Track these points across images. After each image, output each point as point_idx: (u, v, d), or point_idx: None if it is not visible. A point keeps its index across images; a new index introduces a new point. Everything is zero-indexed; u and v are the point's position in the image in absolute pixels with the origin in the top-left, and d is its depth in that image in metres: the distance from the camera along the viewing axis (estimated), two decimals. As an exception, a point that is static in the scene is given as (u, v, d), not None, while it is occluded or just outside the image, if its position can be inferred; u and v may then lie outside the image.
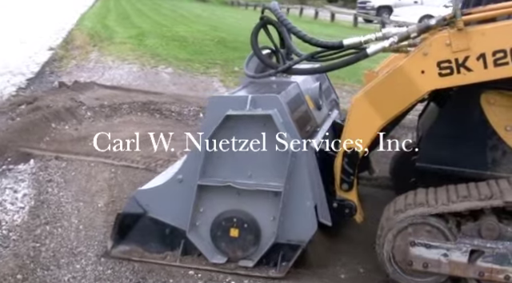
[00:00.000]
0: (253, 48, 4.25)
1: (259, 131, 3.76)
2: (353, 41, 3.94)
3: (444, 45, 3.47)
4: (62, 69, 12.03)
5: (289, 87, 4.19)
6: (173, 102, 8.39)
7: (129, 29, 17.96)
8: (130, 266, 4.02)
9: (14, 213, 4.81)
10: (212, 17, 25.35)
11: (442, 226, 3.55)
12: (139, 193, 4.10)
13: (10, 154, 6.13)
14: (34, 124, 6.93)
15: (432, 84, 3.55)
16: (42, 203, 4.95)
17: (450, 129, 3.92)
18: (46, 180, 5.49)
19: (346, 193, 3.95)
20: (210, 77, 11.14)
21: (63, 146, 6.49)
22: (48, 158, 6.01)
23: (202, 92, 9.83)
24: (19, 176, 5.65)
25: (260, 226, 3.86)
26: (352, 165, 3.87)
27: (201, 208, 3.91)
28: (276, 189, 3.76)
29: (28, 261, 4.03)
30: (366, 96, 3.75)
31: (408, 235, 3.60)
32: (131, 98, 8.72)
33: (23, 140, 6.53)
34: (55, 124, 7.17)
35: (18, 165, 5.93)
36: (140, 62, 12.05)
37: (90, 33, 17.70)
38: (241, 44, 15.39)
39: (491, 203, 3.44)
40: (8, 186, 5.37)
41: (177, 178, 3.97)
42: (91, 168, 5.82)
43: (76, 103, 7.89)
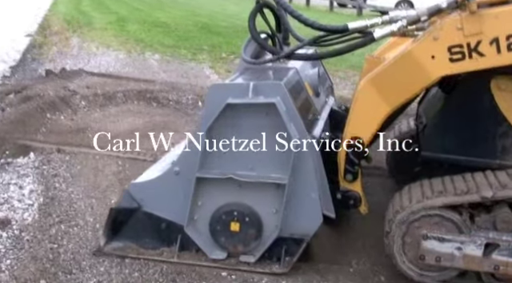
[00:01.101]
0: (251, 33, 4.01)
1: (261, 120, 3.55)
2: (358, 24, 3.73)
3: (455, 28, 3.28)
4: (43, 57, 11.62)
5: (289, 73, 3.99)
6: (168, 90, 8.10)
7: (107, 15, 17.53)
8: (157, 268, 3.78)
9: (23, 210, 4.54)
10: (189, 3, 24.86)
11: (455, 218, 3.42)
12: (133, 187, 3.88)
13: (8, 147, 5.85)
14: (29, 115, 6.63)
15: (443, 70, 3.37)
16: (51, 200, 4.68)
17: (458, 117, 3.77)
18: (52, 174, 5.21)
19: (350, 184, 3.78)
20: (198, 63, 10.86)
21: (62, 138, 6.21)
22: (49, 151, 5.73)
23: (194, 79, 9.56)
24: (21, 170, 5.36)
25: (262, 220, 3.68)
26: (357, 154, 3.69)
27: (199, 201, 3.71)
28: (280, 181, 3.56)
29: (48, 265, 3.78)
30: (372, 82, 3.56)
31: (420, 228, 3.47)
32: (123, 86, 8.42)
33: (20, 132, 6.23)
34: (50, 114, 6.87)
35: (17, 159, 5.65)
36: (125, 49, 11.72)
37: (66, 18, 17.21)
38: (224, 29, 15.16)
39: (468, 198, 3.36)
40: (12, 182, 5.08)
41: (173, 170, 3.74)
42: (97, 161, 5.55)
43: (69, 92, 7.57)
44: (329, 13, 25.19)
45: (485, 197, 3.34)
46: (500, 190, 3.35)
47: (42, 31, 15.24)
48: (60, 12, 19.64)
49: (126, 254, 3.84)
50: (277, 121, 3.49)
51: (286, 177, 3.53)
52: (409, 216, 3.48)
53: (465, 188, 3.41)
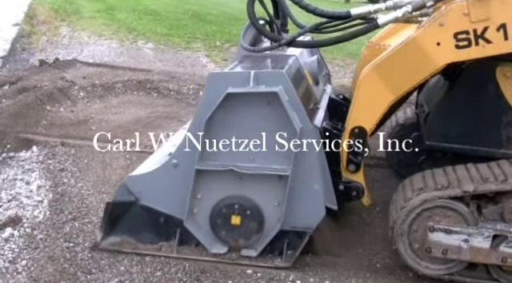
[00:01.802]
0: (250, 19, 3.88)
1: (262, 110, 3.43)
2: (361, 10, 3.64)
3: (462, 14, 3.21)
4: (33, 46, 11.36)
5: (289, 61, 3.86)
6: (168, 80, 7.93)
7: (95, 3, 17.12)
8: (180, 266, 3.65)
9: (33, 207, 4.38)
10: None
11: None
12: (130, 180, 3.74)
13: (9, 141, 5.67)
14: (28, 107, 6.42)
15: (448, 57, 3.30)
16: (61, 196, 4.52)
17: (462, 105, 3.71)
18: (58, 169, 5.04)
19: (352, 175, 3.71)
20: (194, 52, 10.66)
21: (65, 131, 6.03)
22: (53, 144, 5.55)
23: (191, 68, 9.38)
24: (25, 165, 5.18)
25: (263, 212, 3.58)
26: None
27: (198, 194, 3.60)
28: (282, 172, 3.44)
29: (66, 265, 3.64)
30: (375, 70, 3.48)
31: (426, 220, 3.40)
32: (120, 76, 8.23)
33: (20, 125, 6.04)
34: (50, 106, 6.67)
35: (19, 153, 5.48)
36: (118, 38, 11.47)
37: (53, 7, 16.78)
38: (215, 17, 14.91)
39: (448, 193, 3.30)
40: (17, 177, 4.91)
41: (171, 163, 3.62)
42: (103, 154, 5.39)
43: (68, 83, 7.36)
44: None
45: (466, 191, 3.28)
46: (481, 184, 3.30)
47: (29, 20, 14.88)
48: (45, 1, 19.25)
49: (123, 249, 3.72)
50: (279, 110, 3.37)
51: (289, 168, 3.43)
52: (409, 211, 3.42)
53: (445, 182, 3.34)
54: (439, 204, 3.37)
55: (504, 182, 3.27)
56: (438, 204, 3.37)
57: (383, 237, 3.92)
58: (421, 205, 3.38)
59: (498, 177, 3.29)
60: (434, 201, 3.36)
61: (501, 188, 3.26)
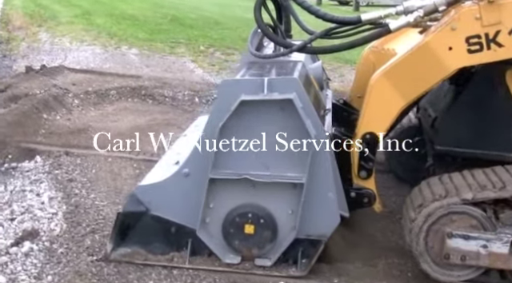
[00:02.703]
0: (259, 26, 3.84)
1: (276, 117, 3.38)
2: (371, 16, 3.63)
3: (473, 18, 3.21)
4: (14, 52, 11.17)
5: (298, 67, 3.83)
6: (161, 86, 7.90)
7: (70, 8, 16.99)
8: (210, 279, 3.59)
9: (48, 220, 4.27)
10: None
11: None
12: (140, 190, 3.68)
13: (10, 151, 5.54)
14: (25, 115, 6.30)
15: (460, 61, 3.30)
16: (75, 207, 4.42)
17: (473, 109, 3.70)
18: (67, 179, 4.94)
19: (364, 181, 3.68)
20: (179, 57, 10.63)
21: (65, 139, 5.93)
22: (57, 154, 5.45)
23: (179, 73, 9.34)
24: (31, 175, 5.07)
25: (277, 221, 3.53)
26: (371, 150, 3.60)
27: (211, 203, 3.53)
28: (297, 180, 3.41)
29: (94, 280, 3.54)
30: (386, 76, 3.47)
31: (445, 226, 3.37)
32: (110, 83, 8.18)
33: (19, 134, 5.92)
34: (46, 114, 6.55)
35: (22, 163, 5.36)
36: (100, 43, 11.36)
37: (27, 12, 16.60)
38: (195, 21, 14.90)
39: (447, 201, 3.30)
40: (26, 188, 4.79)
41: (183, 172, 3.56)
42: (110, 164, 5.30)
43: (61, 90, 7.24)
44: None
45: (465, 199, 3.28)
46: (479, 192, 3.29)
47: (4, 26, 14.68)
48: (17, 6, 18.94)
49: (134, 260, 3.64)
50: (293, 117, 3.33)
51: (303, 175, 3.39)
52: None
53: (443, 191, 3.34)
54: (442, 213, 3.37)
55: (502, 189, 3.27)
56: (440, 214, 3.37)
57: (395, 244, 3.91)
58: (425, 221, 3.38)
59: (496, 185, 3.30)
60: (435, 213, 3.36)
61: (499, 195, 3.27)
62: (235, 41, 11.83)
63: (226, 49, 11.23)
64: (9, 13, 17.17)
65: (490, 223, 3.33)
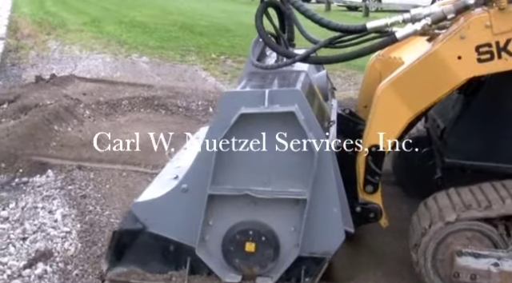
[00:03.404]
0: (260, 35, 3.66)
1: (278, 130, 3.20)
2: (377, 24, 3.46)
3: (483, 26, 3.05)
4: (23, 61, 11.05)
5: (301, 77, 3.64)
6: (173, 96, 7.71)
7: (78, 16, 16.92)
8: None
9: (62, 240, 4.10)
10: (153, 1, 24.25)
11: None
12: (136, 207, 3.49)
13: (21, 164, 5.38)
14: (36, 127, 6.13)
15: (470, 71, 3.13)
16: (90, 226, 4.24)
17: (483, 121, 3.53)
18: (80, 195, 4.76)
19: (370, 196, 3.51)
20: (190, 65, 10.48)
21: (78, 153, 5.75)
22: (69, 168, 5.27)
23: (191, 82, 9.18)
24: (43, 191, 4.90)
25: (279, 238, 3.34)
26: (378, 163, 3.43)
27: (210, 220, 3.34)
28: (299, 196, 3.22)
29: (111, 304, 3.33)
30: (392, 86, 3.31)
31: (454, 244, 3.23)
32: (122, 92, 8.00)
33: (30, 147, 5.75)
34: (57, 126, 6.37)
35: (33, 177, 5.20)
36: (110, 51, 11.23)
37: (35, 20, 16.53)
38: (205, 29, 14.77)
39: None
40: (38, 205, 4.63)
41: (181, 188, 3.36)
42: (124, 178, 5.12)
43: (72, 101, 7.07)
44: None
45: (449, 222, 3.17)
46: (464, 212, 3.17)
47: (12, 34, 14.57)
48: (25, 13, 18.89)
49: (130, 280, 3.46)
50: (295, 130, 3.16)
51: (306, 191, 3.20)
52: None
53: (427, 219, 3.25)
54: (450, 230, 3.23)
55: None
56: (449, 231, 3.24)
57: (403, 261, 3.72)
58: (433, 239, 3.26)
59: (481, 204, 3.18)
60: (443, 231, 3.24)
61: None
62: (246, 48, 11.56)
63: (238, 57, 11.07)
64: (17, 20, 17.09)
65: (501, 240, 3.19)
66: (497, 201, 3.19)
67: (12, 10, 19.98)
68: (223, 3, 26.87)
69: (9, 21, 17.23)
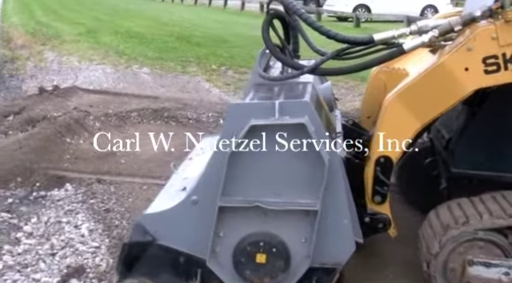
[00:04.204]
0: (268, 47, 3.62)
1: (288, 142, 3.17)
2: (384, 35, 3.43)
3: (490, 38, 3.05)
4: (21, 72, 10.98)
5: (308, 89, 3.61)
6: (181, 108, 7.65)
7: (72, 26, 16.85)
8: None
9: (92, 255, 4.03)
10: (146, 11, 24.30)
11: None
12: (146, 218, 3.44)
13: (38, 178, 5.30)
14: (49, 140, 6.05)
15: (477, 82, 3.13)
16: (119, 240, 4.16)
17: (490, 130, 3.55)
18: (104, 209, 4.69)
19: (378, 206, 3.48)
20: (192, 76, 10.43)
21: (93, 165, 5.67)
22: (88, 182, 5.20)
23: (196, 93, 9.14)
24: (64, 205, 4.83)
25: (290, 250, 3.29)
26: (386, 174, 3.40)
27: (221, 232, 3.30)
28: (310, 207, 3.19)
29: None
30: (400, 98, 3.30)
31: (464, 253, 3.22)
32: (128, 104, 7.96)
33: (44, 160, 5.67)
34: (69, 138, 6.29)
35: (51, 191, 5.12)
36: (110, 62, 11.16)
37: (28, 30, 16.45)
38: (201, 39, 14.74)
39: None
40: (62, 220, 4.55)
41: (191, 199, 3.32)
42: (146, 191, 5.05)
43: (82, 113, 6.98)
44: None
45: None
46: (500, 218, 3.17)
47: (6, 44, 14.50)
48: (16, 23, 18.83)
49: None
50: (305, 141, 3.13)
51: (317, 202, 3.17)
52: None
53: (462, 218, 3.22)
54: (461, 240, 3.23)
55: None
56: (460, 241, 3.23)
57: (413, 271, 3.70)
58: (444, 249, 3.25)
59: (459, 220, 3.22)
60: (454, 241, 3.22)
61: None
62: (246, 59, 11.63)
63: (238, 68, 11.03)
64: (8, 30, 16.99)
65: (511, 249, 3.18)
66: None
67: (1, 20, 19.88)
68: (213, 13, 26.92)
69: (0, 31, 17.13)
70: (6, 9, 24.88)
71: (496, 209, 3.22)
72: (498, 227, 3.17)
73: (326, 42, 3.45)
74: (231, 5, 31.99)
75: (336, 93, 9.59)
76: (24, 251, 4.10)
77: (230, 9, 31.11)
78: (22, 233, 4.38)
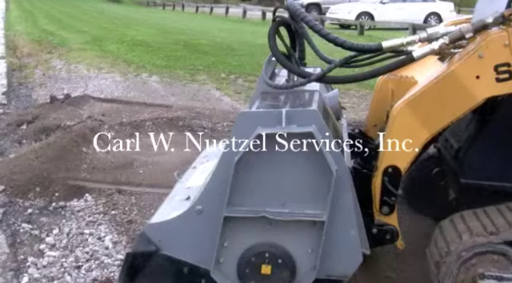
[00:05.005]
0: (274, 55, 3.53)
1: (295, 151, 3.10)
2: (393, 43, 3.35)
3: (502, 45, 2.98)
4: (29, 80, 10.92)
5: (315, 97, 3.54)
6: (195, 117, 7.59)
7: (77, 34, 16.81)
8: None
9: (118, 268, 3.95)
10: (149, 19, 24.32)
11: None
12: (150, 228, 3.35)
13: (57, 188, 5.23)
14: (66, 150, 5.97)
15: (489, 90, 3.06)
16: (144, 253, 4.05)
17: (501, 140, 3.45)
18: (126, 221, 4.63)
19: (386, 217, 3.40)
20: (201, 85, 10.37)
21: (112, 176, 5.60)
22: (108, 192, 5.13)
23: (207, 102, 9.07)
24: (85, 216, 4.76)
25: (296, 261, 3.21)
26: (394, 184, 3.32)
27: (225, 242, 3.23)
28: (317, 218, 3.12)
29: None
30: (409, 106, 3.23)
31: (476, 267, 3.14)
32: (140, 113, 7.89)
33: (62, 170, 5.59)
34: (86, 148, 6.21)
35: (70, 202, 5.05)
36: (119, 71, 11.10)
37: (33, 39, 16.42)
38: (208, 47, 14.70)
39: None
40: (84, 231, 4.48)
41: (195, 209, 3.24)
42: (167, 202, 4.95)
43: (97, 122, 6.92)
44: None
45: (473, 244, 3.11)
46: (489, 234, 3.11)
47: (12, 53, 14.45)
48: (20, 31, 18.79)
49: None
50: (312, 151, 3.07)
51: (324, 212, 3.09)
52: None
53: (471, 230, 3.14)
54: (472, 254, 3.15)
55: None
56: (470, 254, 3.16)
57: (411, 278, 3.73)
58: (454, 263, 3.17)
59: None
60: (464, 254, 3.16)
61: None
62: (255, 68, 11.57)
63: (248, 76, 10.97)
64: (13, 39, 16.95)
65: None
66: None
67: (6, 29, 19.85)
68: (216, 22, 26.93)
69: (5, 39, 17.09)
70: (9, 18, 24.86)
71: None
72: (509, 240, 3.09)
73: (333, 50, 3.39)
74: (232, 13, 32.05)
75: (348, 102, 9.63)
76: (49, 263, 4.03)
77: (231, 17, 31.14)
78: (45, 244, 4.32)
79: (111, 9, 32.40)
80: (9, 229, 4.55)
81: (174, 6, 39.81)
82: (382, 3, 27.51)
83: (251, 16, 29.77)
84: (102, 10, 30.97)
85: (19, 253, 4.18)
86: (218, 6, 37.13)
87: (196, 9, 35.70)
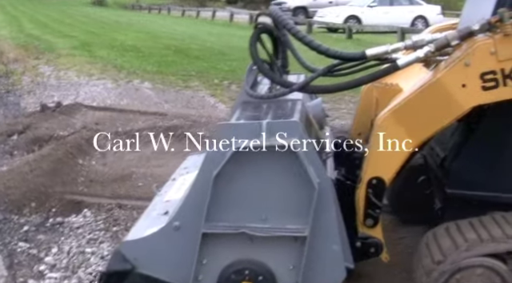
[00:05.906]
0: (256, 63, 3.43)
1: (276, 164, 2.98)
2: (377, 50, 3.28)
3: (488, 53, 2.92)
4: (17, 87, 10.68)
5: (297, 107, 3.43)
6: (191, 125, 7.40)
7: (65, 39, 16.55)
8: None
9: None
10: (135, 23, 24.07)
11: None
12: (125, 246, 3.22)
13: (54, 203, 5.02)
14: (61, 162, 5.77)
15: (475, 99, 3.00)
16: (151, 273, 3.85)
17: (488, 149, 3.37)
18: (129, 238, 4.38)
19: (370, 230, 3.31)
20: (195, 91, 10.18)
21: (111, 189, 5.39)
22: (108, 207, 4.93)
23: (202, 109, 8.89)
24: (85, 233, 4.56)
25: (277, 278, 3.10)
26: (379, 196, 3.23)
27: (204, 259, 3.10)
28: (298, 233, 3.01)
29: None
30: (393, 115, 3.13)
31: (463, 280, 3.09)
32: (134, 121, 7.71)
33: (58, 184, 5.38)
34: (82, 160, 5.99)
35: (68, 218, 4.85)
36: (110, 77, 10.89)
37: (19, 44, 16.14)
38: (199, 52, 14.52)
39: None
40: (85, 250, 4.29)
41: (173, 225, 3.11)
42: (171, 218, 4.75)
43: (92, 132, 6.70)
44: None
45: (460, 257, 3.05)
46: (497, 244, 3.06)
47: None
48: (5, 36, 18.50)
49: None
50: (294, 164, 2.94)
51: (306, 227, 2.99)
52: None
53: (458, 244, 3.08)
54: (458, 267, 3.09)
55: None
56: (456, 268, 3.09)
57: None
58: (442, 276, 3.10)
59: None
60: (451, 268, 3.09)
61: None
62: (247, 73, 11.44)
63: (241, 82, 10.73)
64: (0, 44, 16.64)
65: (511, 276, 3.04)
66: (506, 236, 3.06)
67: (-10, 33, 19.53)
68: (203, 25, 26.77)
69: (-10, 44, 16.78)
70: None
71: (498, 233, 3.07)
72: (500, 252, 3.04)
73: (318, 56, 3.24)
74: (218, 17, 31.92)
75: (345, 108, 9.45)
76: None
77: (217, 20, 31.00)
78: (45, 265, 4.12)
79: (97, 13, 32.14)
80: (5, 248, 4.34)
81: (160, 10, 39.66)
82: (369, 7, 27.47)
83: (238, 19, 29.64)
84: (88, 14, 30.69)
85: (18, 275, 3.97)
86: (205, 10, 36.97)
87: (182, 13, 35.53)
